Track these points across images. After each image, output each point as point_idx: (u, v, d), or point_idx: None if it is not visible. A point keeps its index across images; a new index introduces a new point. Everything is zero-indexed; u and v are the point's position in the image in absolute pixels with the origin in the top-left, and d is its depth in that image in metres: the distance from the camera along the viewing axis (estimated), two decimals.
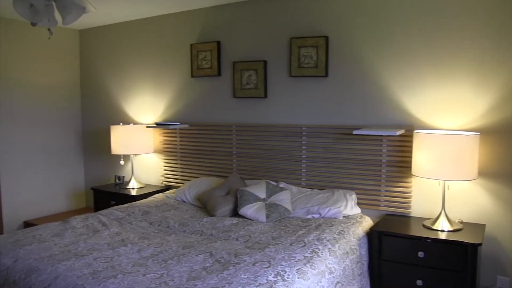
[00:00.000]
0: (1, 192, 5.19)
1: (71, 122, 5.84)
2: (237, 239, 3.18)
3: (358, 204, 3.81)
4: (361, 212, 3.77)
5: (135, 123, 5.19)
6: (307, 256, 2.76)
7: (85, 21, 5.18)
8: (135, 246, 3.04)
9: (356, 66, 3.82)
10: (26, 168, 5.40)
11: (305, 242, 2.99)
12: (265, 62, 4.24)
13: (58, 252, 2.94)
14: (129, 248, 3.00)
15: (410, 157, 3.52)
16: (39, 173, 5.52)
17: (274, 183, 4.04)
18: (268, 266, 2.56)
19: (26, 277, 2.69)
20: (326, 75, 3.94)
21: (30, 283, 2.63)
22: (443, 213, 3.30)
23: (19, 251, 2.98)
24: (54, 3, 2.64)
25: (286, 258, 2.70)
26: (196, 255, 2.81)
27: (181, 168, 4.88)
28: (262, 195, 3.76)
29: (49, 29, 2.63)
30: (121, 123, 5.16)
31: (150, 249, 2.97)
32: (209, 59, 4.58)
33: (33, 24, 2.58)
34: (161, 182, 5.08)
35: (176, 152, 4.90)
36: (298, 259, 2.70)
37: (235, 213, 3.75)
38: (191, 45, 4.69)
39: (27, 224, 5.36)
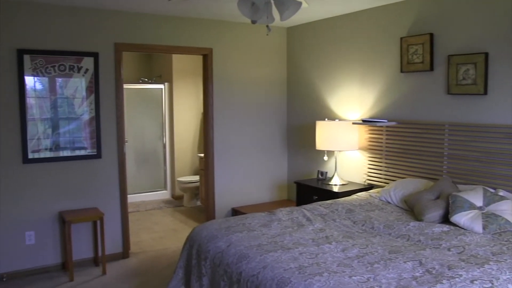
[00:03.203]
0: (214, 180, 5.65)
1: (278, 116, 6.08)
2: (449, 249, 2.90)
3: None
4: None
5: (340, 119, 5.15)
6: None
7: (293, 18, 5.31)
8: (339, 244, 2.99)
9: None
10: (236, 159, 5.79)
11: None
12: (486, 54, 3.80)
13: (266, 242, 3.05)
14: (334, 246, 2.96)
15: None
16: (247, 163, 5.88)
17: (492, 190, 3.60)
18: (491, 287, 2.27)
19: (237, 262, 2.84)
20: None
21: (241, 269, 2.77)
22: None
23: (232, 237, 3.17)
24: (272, 0, 2.71)
25: None
26: (404, 262, 2.64)
27: (385, 167, 4.69)
28: (479, 202, 3.38)
29: (267, 26, 2.71)
30: (326, 119, 5.18)
31: (355, 249, 2.89)
32: (420, 53, 4.30)
33: (253, 22, 2.68)
34: (364, 180, 4.96)
35: (381, 150, 4.73)
36: None
37: (445, 219, 3.45)
38: (401, 38, 4.46)
39: (235, 211, 5.75)
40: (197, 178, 7.35)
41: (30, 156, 4.52)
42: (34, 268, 4.62)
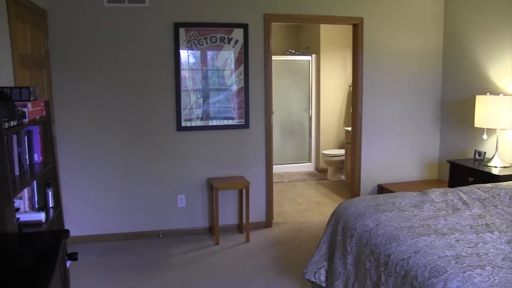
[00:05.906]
0: (361, 154, 5.46)
1: (431, 90, 5.64)
2: None
3: None
4: None
5: (505, 94, 4.61)
6: None
7: None
8: (503, 235, 2.66)
9: None
10: (384, 134, 5.53)
11: None
12: None
13: (417, 225, 2.83)
14: (496, 236, 2.64)
15: None
16: (395, 139, 5.58)
17: None
18: None
19: (386, 243, 2.68)
20: None
21: (390, 251, 2.60)
22: None
23: (381, 216, 3.00)
24: None
25: None
26: None
27: None
28: None
29: None
30: (487, 93, 4.67)
31: None
32: None
33: None
34: None
35: None
36: None
37: None
38: None
39: (381, 188, 5.52)
40: (342, 151, 7.21)
41: (183, 124, 4.77)
42: (184, 229, 4.92)
